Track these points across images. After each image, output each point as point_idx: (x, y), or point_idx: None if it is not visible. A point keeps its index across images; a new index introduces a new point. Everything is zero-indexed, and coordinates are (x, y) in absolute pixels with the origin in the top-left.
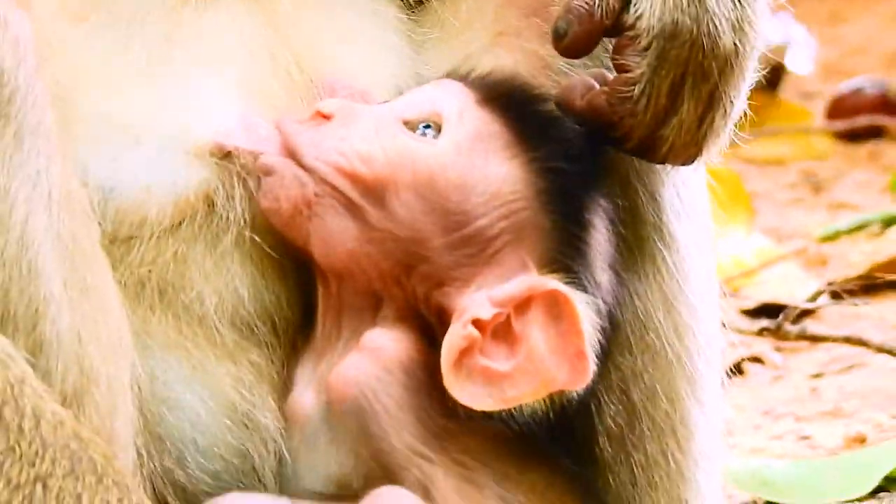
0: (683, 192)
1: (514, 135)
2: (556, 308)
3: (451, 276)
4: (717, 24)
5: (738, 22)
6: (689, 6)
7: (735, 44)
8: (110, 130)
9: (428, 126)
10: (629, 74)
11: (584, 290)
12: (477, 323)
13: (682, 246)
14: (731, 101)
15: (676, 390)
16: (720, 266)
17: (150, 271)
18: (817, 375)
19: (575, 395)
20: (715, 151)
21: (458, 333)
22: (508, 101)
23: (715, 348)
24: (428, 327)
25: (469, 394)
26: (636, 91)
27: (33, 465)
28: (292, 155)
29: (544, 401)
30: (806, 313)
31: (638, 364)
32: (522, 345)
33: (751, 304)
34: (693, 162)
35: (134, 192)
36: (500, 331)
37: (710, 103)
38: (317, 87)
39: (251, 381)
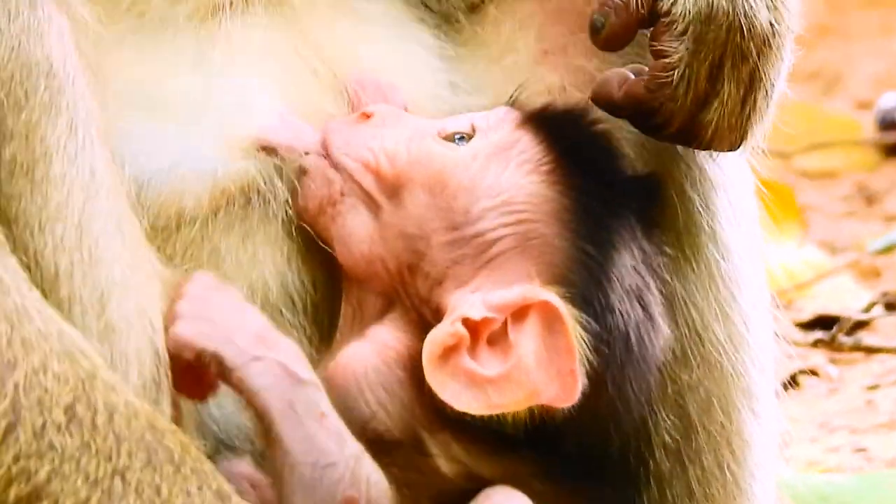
0: (735, 200)
1: (542, 153)
2: (551, 322)
3: (449, 275)
4: (753, 4)
5: (772, 1)
6: None
7: (771, 23)
8: (147, 121)
9: (462, 137)
10: (667, 60)
11: (587, 311)
12: (467, 322)
13: (735, 255)
14: (772, 83)
15: (732, 402)
16: (773, 278)
17: (184, 261)
18: (873, 387)
19: (633, 412)
20: (759, 135)
21: (445, 330)
22: (549, 122)
23: (769, 358)
24: (430, 329)
25: (450, 392)
26: (675, 76)
27: (110, 459)
28: (326, 151)
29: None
30: (860, 325)
31: (694, 376)
32: (513, 353)
33: (805, 316)
34: (738, 147)
35: (171, 182)
36: (497, 338)
37: (751, 84)
38: (346, 89)
39: None
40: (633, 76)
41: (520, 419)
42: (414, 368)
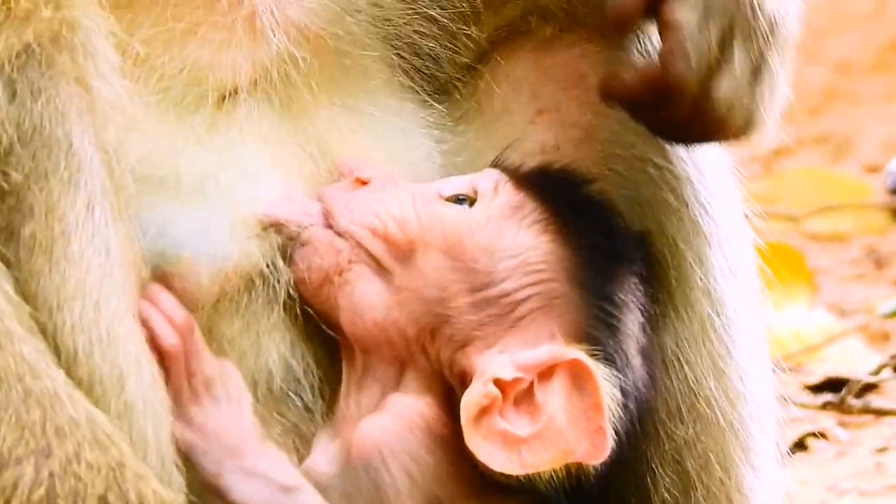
0: (730, 254)
1: (549, 213)
2: (580, 380)
3: (475, 337)
4: None
5: None
6: None
7: (778, 12)
8: (155, 200)
9: (464, 199)
10: (679, 30)
11: (612, 366)
12: (498, 383)
13: (730, 309)
14: (777, 74)
15: (730, 457)
16: (783, 341)
17: None
18: (882, 450)
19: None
20: (768, 123)
21: (478, 391)
22: (546, 183)
23: (768, 412)
24: (450, 393)
25: (487, 452)
26: (688, 44)
27: None
28: (329, 220)
29: (569, 472)
30: (869, 387)
31: (691, 432)
32: (543, 413)
33: (814, 379)
34: (748, 133)
35: (177, 263)
36: (523, 397)
37: (759, 65)
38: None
39: (273, 440)
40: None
41: (552, 478)
42: (439, 434)
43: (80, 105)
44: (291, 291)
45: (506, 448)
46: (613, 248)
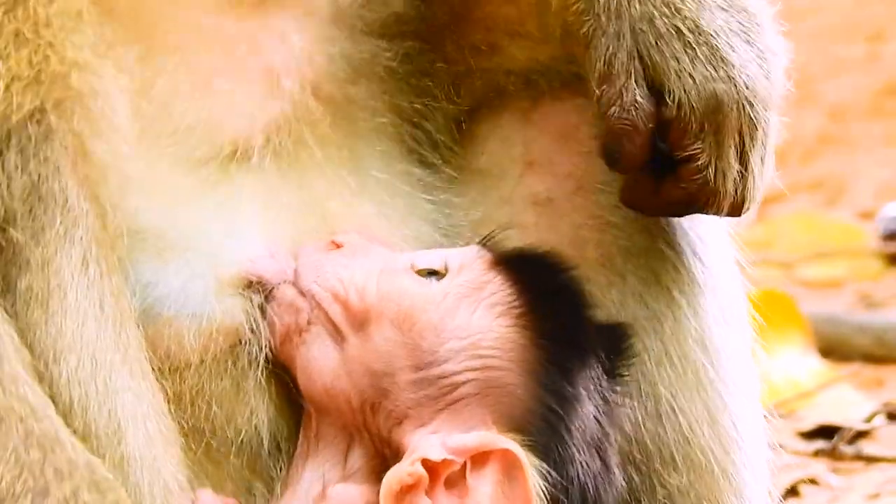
0: (724, 302)
1: (514, 297)
2: (511, 470)
3: (411, 415)
4: (748, 72)
5: (759, 57)
6: (717, 71)
7: (766, 77)
8: (143, 256)
9: (434, 273)
10: (698, 163)
11: (546, 461)
12: (426, 463)
13: (724, 357)
14: (775, 125)
15: None
16: (775, 387)
17: (178, 409)
18: (874, 496)
19: None
20: (770, 171)
21: (404, 469)
22: (521, 265)
23: (761, 459)
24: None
25: None
26: (710, 174)
27: None
28: (295, 279)
29: None
30: (861, 434)
31: (684, 480)
32: (469, 498)
33: (806, 425)
34: (760, 194)
35: (160, 322)
36: (455, 481)
37: (765, 140)
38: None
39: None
40: (656, 178)
41: None
42: None
43: (76, 161)
44: (271, 352)
45: None
46: (576, 340)
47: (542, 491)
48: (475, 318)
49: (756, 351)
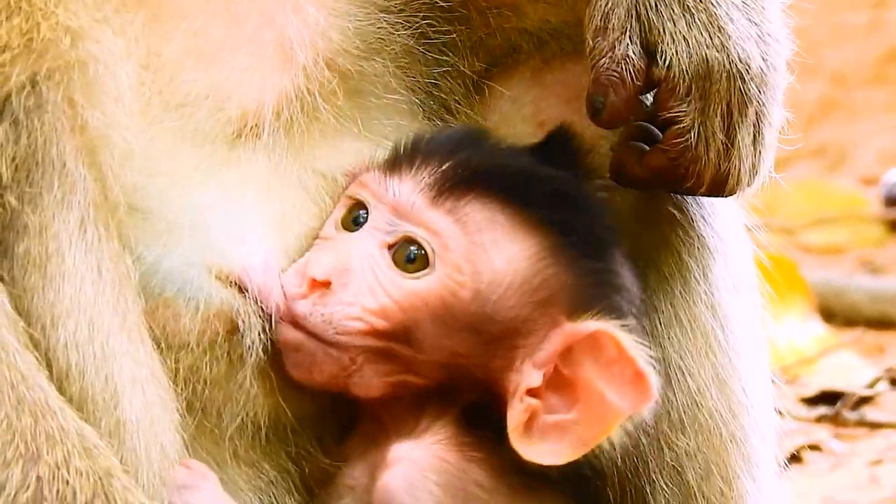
0: (733, 268)
1: (503, 209)
2: (597, 345)
3: (496, 367)
4: (744, 46)
5: (759, 37)
6: (712, 38)
7: (764, 58)
8: (143, 233)
9: (412, 247)
10: (681, 125)
11: (621, 316)
12: (531, 392)
13: (733, 322)
14: (774, 115)
15: (732, 469)
16: (778, 354)
17: (177, 389)
18: (876, 462)
19: (629, 475)
20: (770, 165)
21: (518, 409)
22: (480, 182)
23: (769, 424)
24: (474, 416)
25: (549, 452)
26: (692, 138)
27: None
28: (308, 331)
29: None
30: (864, 400)
31: (692, 443)
32: (579, 387)
33: (809, 391)
34: (755, 182)
35: (158, 301)
36: (559, 385)
37: (758, 122)
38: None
39: (272, 490)
40: (645, 147)
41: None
42: (452, 469)
43: (73, 129)
44: (267, 343)
45: (563, 437)
46: (578, 209)
47: (636, 341)
48: (497, 263)
49: (763, 317)
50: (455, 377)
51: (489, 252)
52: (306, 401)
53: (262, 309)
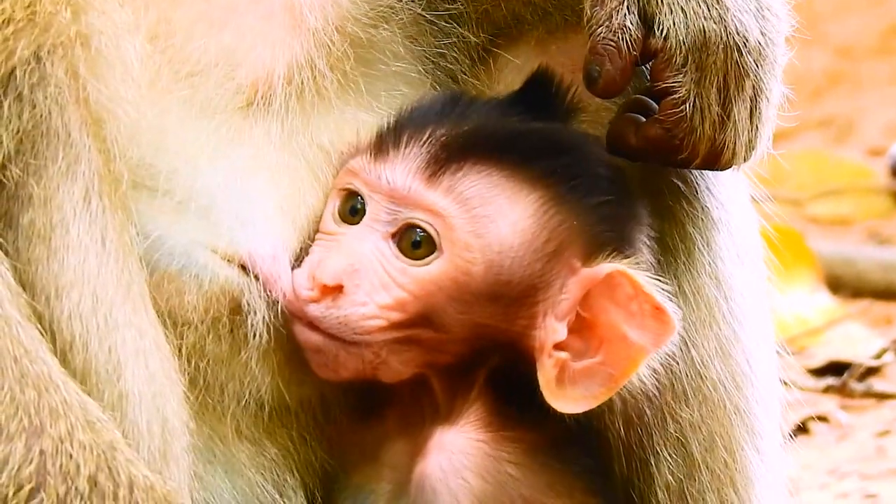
0: (738, 238)
1: (500, 172)
2: (613, 286)
3: (520, 328)
4: (742, 19)
5: (758, 11)
6: (710, 10)
7: (762, 33)
8: (148, 208)
9: (416, 232)
10: (676, 96)
11: (634, 252)
12: (559, 346)
13: (737, 293)
14: (771, 89)
15: (736, 440)
16: (785, 325)
17: (182, 366)
18: (883, 433)
19: (634, 447)
20: (767, 141)
21: (547, 365)
22: (472, 150)
23: (774, 396)
24: (505, 388)
25: (581, 398)
26: (687, 109)
27: None
28: (332, 336)
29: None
30: (871, 371)
31: (696, 415)
32: (601, 329)
33: (816, 362)
34: (752, 156)
35: (163, 276)
36: (583, 331)
37: (755, 96)
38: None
39: (274, 467)
40: (642, 119)
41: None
42: (489, 450)
43: (77, 101)
44: (271, 326)
45: (591, 380)
46: (571, 153)
47: (651, 277)
48: (504, 229)
49: (768, 288)
50: (481, 346)
51: (495, 221)
52: (310, 382)
53: (269, 294)
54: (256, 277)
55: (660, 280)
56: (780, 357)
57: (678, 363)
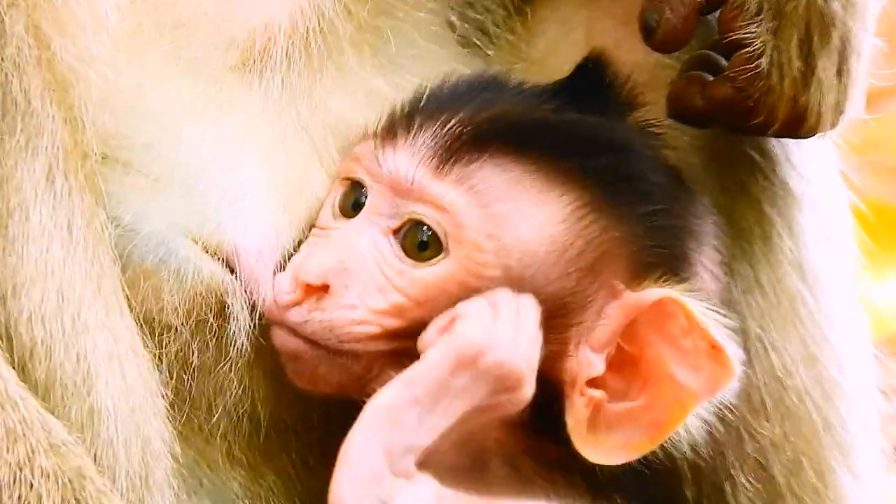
0: (825, 221)
1: (526, 167)
2: (663, 316)
3: (547, 354)
4: None
5: None
6: None
7: None
8: (122, 190)
9: (422, 229)
10: (749, 49)
11: (691, 276)
12: (593, 382)
13: (824, 284)
14: (862, 42)
15: (826, 461)
16: (882, 321)
17: (164, 374)
18: None
19: (704, 472)
20: (858, 102)
21: (578, 404)
22: (493, 139)
23: (870, 408)
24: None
25: (619, 448)
26: (763, 64)
27: None
28: (313, 343)
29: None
30: None
31: (777, 431)
32: (645, 365)
33: None
34: (840, 121)
35: (138, 272)
36: (618, 362)
37: (844, 49)
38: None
39: (272, 498)
40: (710, 77)
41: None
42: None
43: (40, 63)
44: (253, 330)
45: (633, 426)
46: (614, 146)
47: (711, 308)
48: (526, 228)
49: (862, 277)
50: None
51: (513, 221)
52: (312, 397)
53: (250, 297)
54: (238, 274)
55: (720, 312)
56: (877, 361)
57: (755, 370)
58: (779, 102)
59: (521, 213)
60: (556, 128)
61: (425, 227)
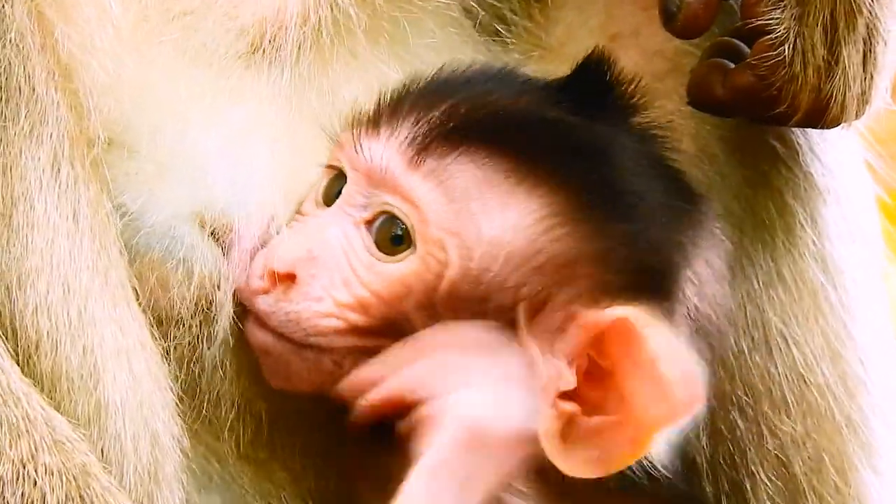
0: (849, 212)
1: (499, 164)
2: (624, 336)
3: None
4: None
5: None
6: None
7: None
8: (128, 179)
9: (395, 221)
10: (773, 36)
11: (663, 296)
12: (563, 395)
13: (848, 279)
14: (889, 28)
15: (848, 459)
16: None
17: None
18: None
19: (724, 468)
20: (884, 92)
21: (547, 416)
22: (471, 134)
23: (893, 404)
24: None
25: (595, 462)
26: (787, 52)
27: None
28: (282, 336)
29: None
30: None
31: (799, 428)
32: (617, 381)
33: None
34: (865, 111)
35: (143, 262)
36: (592, 375)
37: (870, 37)
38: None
39: (282, 494)
40: (731, 65)
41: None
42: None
43: (45, 47)
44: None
45: (611, 441)
46: (600, 152)
47: (672, 331)
48: (489, 228)
49: (887, 271)
50: None
51: (478, 220)
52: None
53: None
54: (232, 260)
55: (683, 335)
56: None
57: (777, 365)
58: (802, 91)
59: (486, 213)
60: (534, 126)
61: (398, 221)
